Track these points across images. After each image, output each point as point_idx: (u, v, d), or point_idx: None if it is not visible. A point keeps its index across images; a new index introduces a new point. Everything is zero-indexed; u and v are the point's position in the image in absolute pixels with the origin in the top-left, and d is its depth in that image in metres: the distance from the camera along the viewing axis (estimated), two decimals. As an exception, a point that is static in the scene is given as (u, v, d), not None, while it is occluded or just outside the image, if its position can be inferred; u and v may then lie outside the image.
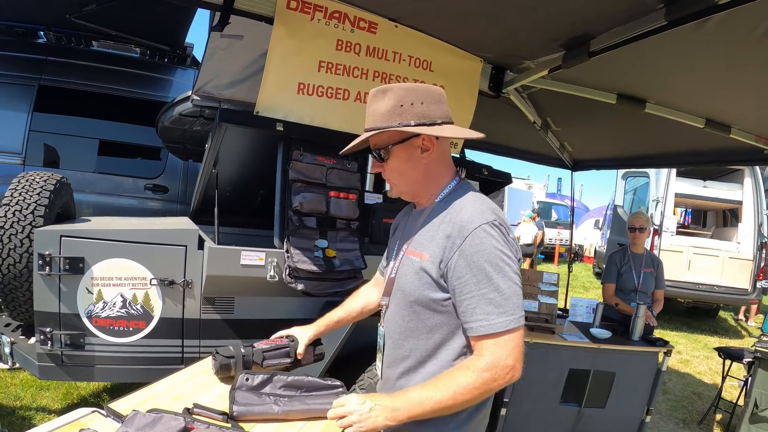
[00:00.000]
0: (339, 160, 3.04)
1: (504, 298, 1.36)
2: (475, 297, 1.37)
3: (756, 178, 9.18)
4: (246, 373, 1.97)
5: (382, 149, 1.52)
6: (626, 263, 4.63)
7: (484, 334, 1.37)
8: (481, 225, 1.38)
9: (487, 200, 1.51)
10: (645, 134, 4.30)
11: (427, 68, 3.20)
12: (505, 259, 1.38)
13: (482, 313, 1.36)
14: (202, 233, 2.94)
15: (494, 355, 1.35)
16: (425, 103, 1.46)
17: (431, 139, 1.50)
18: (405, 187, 1.58)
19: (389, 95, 1.46)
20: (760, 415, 4.20)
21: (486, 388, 1.36)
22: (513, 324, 1.36)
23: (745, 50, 2.42)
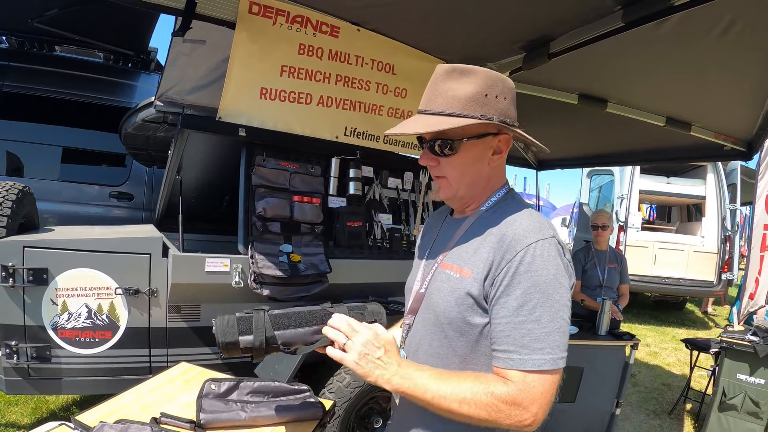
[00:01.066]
0: (302, 165, 3.04)
1: (545, 333, 1.13)
2: (510, 324, 1.16)
3: (718, 173, 9.40)
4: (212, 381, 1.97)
5: (452, 141, 1.25)
6: (590, 260, 4.70)
7: (508, 368, 1.15)
8: (538, 240, 1.17)
9: (542, 216, 1.30)
10: (608, 133, 4.38)
11: (390, 71, 3.21)
12: (556, 285, 1.16)
13: (515, 345, 1.14)
14: (166, 240, 2.91)
15: (517, 392, 1.12)
16: (507, 100, 1.26)
17: (508, 142, 1.31)
18: (463, 189, 1.33)
19: (473, 79, 1.22)
20: (729, 403, 4.30)
21: (493, 418, 1.13)
22: (548, 365, 1.12)
23: (702, 50, 2.49)
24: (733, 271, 9.06)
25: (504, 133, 1.28)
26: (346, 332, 1.24)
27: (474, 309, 1.23)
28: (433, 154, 1.30)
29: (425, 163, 1.33)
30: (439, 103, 1.23)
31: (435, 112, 1.23)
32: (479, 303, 1.22)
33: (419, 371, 1.20)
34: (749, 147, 3.85)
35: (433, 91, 1.25)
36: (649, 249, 9.44)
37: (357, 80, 3.12)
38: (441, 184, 1.34)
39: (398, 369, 1.20)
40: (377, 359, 1.20)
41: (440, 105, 1.22)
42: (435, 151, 1.28)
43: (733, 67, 2.64)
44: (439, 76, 1.25)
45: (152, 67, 5.75)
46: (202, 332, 3.01)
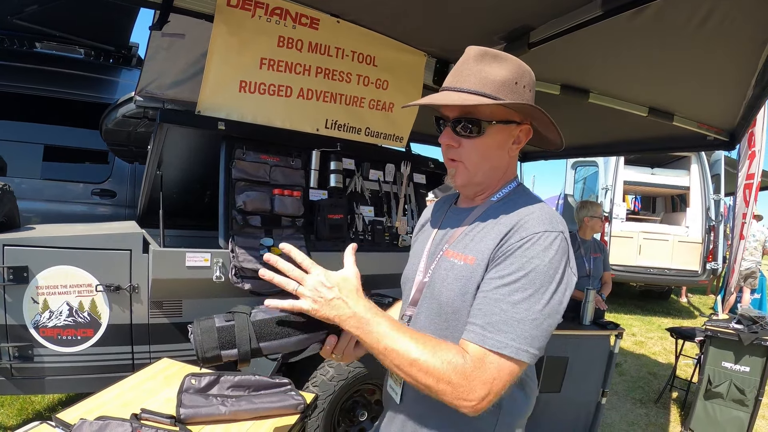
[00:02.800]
0: (283, 158, 3.02)
1: (516, 319, 1.08)
2: (487, 298, 1.12)
3: (702, 164, 9.49)
4: (192, 376, 1.96)
5: (479, 122, 1.22)
6: (576, 250, 4.69)
7: (470, 340, 1.11)
8: (545, 231, 1.14)
9: (554, 211, 1.25)
10: (591, 124, 4.38)
11: (371, 63, 3.20)
12: (547, 278, 1.11)
13: (485, 321, 1.10)
14: (147, 236, 2.89)
15: (474, 370, 1.07)
16: (532, 92, 1.26)
17: (529, 133, 1.30)
18: (480, 175, 1.29)
19: (506, 65, 1.22)
20: (714, 391, 4.36)
21: (439, 389, 1.07)
22: (509, 351, 1.07)
23: (683, 39, 2.48)
24: (718, 260, 9.15)
25: (526, 123, 1.28)
26: (297, 278, 1.19)
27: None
28: (456, 135, 1.26)
29: (446, 143, 1.28)
30: (471, 82, 1.20)
31: (467, 90, 1.20)
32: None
33: (377, 317, 1.14)
34: (732, 137, 3.87)
35: (465, 70, 1.22)
36: (634, 239, 9.52)
37: (338, 72, 3.11)
38: (458, 168, 1.29)
39: (354, 312, 1.14)
40: (328, 300, 1.14)
41: (473, 84, 1.20)
42: (458, 131, 1.25)
43: (714, 57, 2.64)
44: (471, 57, 1.23)
45: (133, 63, 5.70)
46: (184, 328, 2.96)
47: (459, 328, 1.19)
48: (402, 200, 3.59)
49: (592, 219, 4.71)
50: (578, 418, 4.03)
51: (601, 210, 4.83)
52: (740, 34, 2.35)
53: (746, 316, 4.40)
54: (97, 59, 5.59)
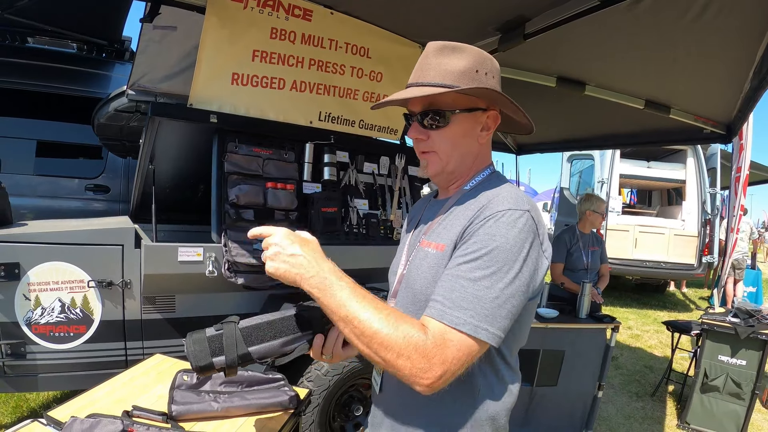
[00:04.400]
0: (276, 151, 2.99)
1: (476, 297, 1.06)
2: (449, 275, 1.11)
3: (698, 157, 9.50)
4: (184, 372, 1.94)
5: (443, 112, 1.24)
6: (575, 243, 4.72)
7: (431, 316, 1.09)
8: (509, 209, 1.12)
9: (525, 194, 1.23)
10: (587, 116, 4.38)
11: (365, 55, 3.17)
12: (511, 257, 1.08)
13: (446, 297, 1.08)
14: (139, 231, 2.87)
15: (434, 347, 1.03)
16: (495, 79, 1.26)
17: (497, 119, 1.30)
18: (451, 164, 1.30)
19: (464, 55, 1.22)
20: (711, 385, 4.37)
21: (397, 364, 1.02)
22: (466, 327, 1.04)
23: (680, 31, 2.47)
24: (714, 254, 9.17)
25: (492, 109, 1.28)
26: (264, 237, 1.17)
27: None
28: (422, 127, 1.28)
29: (414, 137, 1.31)
30: (431, 76, 1.22)
31: (428, 83, 1.22)
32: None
33: (341, 281, 1.08)
34: (728, 130, 3.85)
35: (425, 65, 1.25)
36: (629, 233, 9.53)
37: (331, 64, 3.08)
38: (429, 159, 1.32)
39: (318, 271, 1.08)
40: (289, 256, 1.10)
41: (433, 77, 1.22)
42: (425, 124, 1.27)
43: (711, 49, 2.63)
44: (431, 52, 1.25)
45: (126, 57, 5.64)
46: (177, 323, 2.98)
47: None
48: (397, 193, 3.57)
49: (594, 213, 4.72)
50: (575, 412, 4.03)
51: (604, 206, 4.84)
52: (738, 26, 2.33)
53: (742, 310, 4.40)
54: (90, 53, 5.54)
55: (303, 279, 1.08)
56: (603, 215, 4.81)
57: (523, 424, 3.91)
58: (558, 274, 4.74)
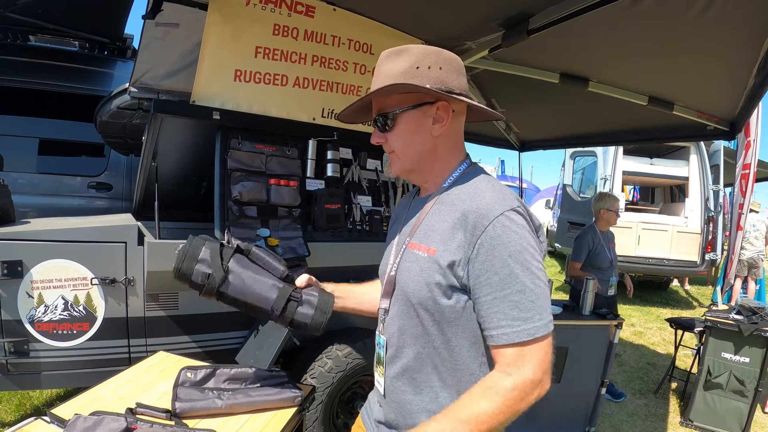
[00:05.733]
0: (279, 147, 2.99)
1: (531, 301, 1.14)
2: (497, 299, 1.17)
3: (701, 154, 9.46)
4: (188, 369, 1.94)
5: (389, 114, 1.31)
6: (598, 242, 4.74)
7: (507, 343, 1.16)
8: (504, 212, 1.18)
9: (504, 185, 1.30)
10: (590, 113, 4.37)
11: (368, 51, 3.17)
12: (531, 252, 1.18)
13: (506, 319, 1.15)
14: (142, 228, 2.86)
15: (519, 369, 1.14)
16: (444, 70, 1.28)
17: (447, 109, 1.31)
18: (409, 163, 1.36)
19: (405, 56, 1.28)
20: (714, 382, 4.36)
21: (513, 410, 1.13)
22: (542, 331, 1.14)
23: (683, 26, 2.46)
24: (717, 251, 9.14)
25: (441, 101, 1.30)
26: None
27: (442, 287, 1.23)
28: (381, 131, 1.35)
29: (376, 142, 1.39)
30: (379, 82, 1.29)
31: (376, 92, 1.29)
32: (448, 282, 1.23)
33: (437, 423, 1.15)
34: (732, 127, 3.85)
35: (376, 74, 1.32)
36: (632, 230, 9.51)
37: (334, 61, 3.07)
38: (392, 159, 1.39)
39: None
40: None
41: (380, 83, 1.28)
42: (381, 128, 1.35)
43: (715, 45, 2.61)
44: (380, 61, 1.33)
45: (128, 54, 5.65)
46: (181, 320, 2.97)
47: (425, 317, 1.27)
48: (400, 190, 3.56)
49: (608, 212, 4.74)
50: (578, 408, 4.03)
51: (618, 205, 4.84)
52: (742, 21, 2.32)
53: (746, 307, 4.39)
54: (92, 51, 5.54)
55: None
56: (617, 213, 4.84)
57: (526, 421, 3.90)
58: (577, 269, 4.79)
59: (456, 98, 1.29)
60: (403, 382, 1.36)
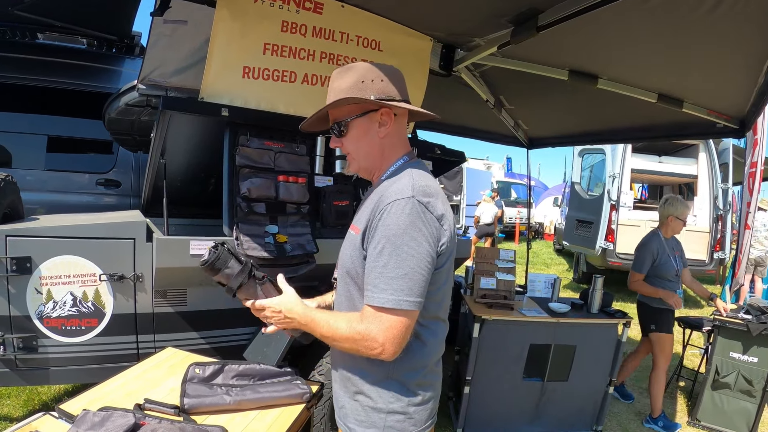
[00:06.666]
0: (287, 144, 2.98)
1: (390, 277, 1.36)
2: (370, 268, 1.42)
3: (710, 152, 9.41)
4: (196, 365, 1.94)
5: (342, 122, 1.55)
6: (663, 251, 4.41)
7: (366, 303, 1.42)
8: (395, 200, 1.39)
9: (421, 177, 1.49)
10: (599, 110, 4.34)
11: (376, 48, 3.15)
12: (411, 235, 1.37)
13: (370, 285, 1.40)
14: (151, 224, 2.87)
15: (368, 326, 1.39)
16: (385, 81, 1.51)
17: (389, 114, 1.54)
18: (362, 161, 1.61)
19: (351, 73, 1.51)
20: (722, 382, 4.35)
21: (351, 347, 1.43)
22: (391, 304, 1.36)
23: (694, 24, 2.42)
24: (725, 250, 9.09)
25: (383, 107, 1.52)
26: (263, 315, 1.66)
27: (360, 258, 1.48)
28: (336, 138, 1.60)
29: (334, 146, 1.64)
30: (330, 98, 1.53)
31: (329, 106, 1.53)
32: (362, 252, 1.48)
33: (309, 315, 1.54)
34: (742, 124, 3.80)
35: (329, 90, 1.56)
36: (641, 228, 9.45)
37: (342, 57, 3.06)
38: (349, 160, 1.64)
39: (301, 317, 1.55)
40: (283, 318, 1.59)
41: (331, 99, 1.52)
42: (336, 135, 1.59)
43: (727, 41, 2.57)
44: (332, 77, 1.56)
45: (136, 52, 5.67)
46: (189, 317, 2.98)
47: (351, 283, 1.54)
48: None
49: (676, 220, 4.40)
50: (585, 407, 4.03)
51: (687, 213, 4.50)
52: (754, 17, 2.28)
53: (755, 306, 4.37)
54: (100, 49, 5.56)
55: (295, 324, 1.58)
56: (685, 222, 4.47)
57: (533, 418, 3.90)
58: (640, 282, 4.42)
59: (396, 105, 1.52)
60: None
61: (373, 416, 1.52)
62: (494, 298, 3.82)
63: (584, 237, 10.04)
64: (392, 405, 1.52)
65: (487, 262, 3.92)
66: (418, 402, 1.55)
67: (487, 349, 3.64)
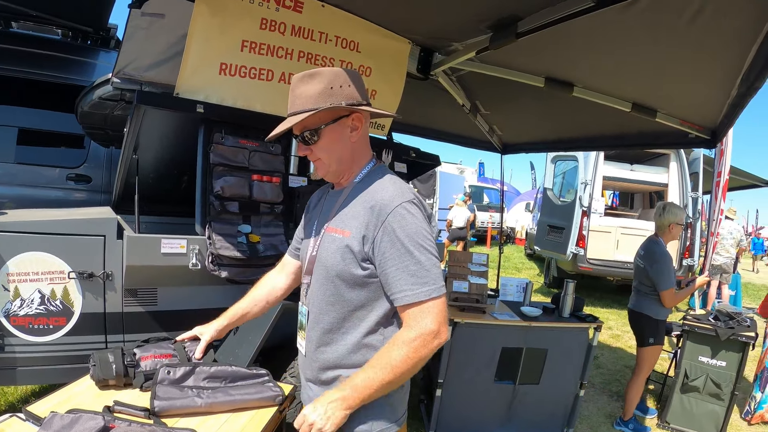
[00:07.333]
0: (262, 143, 2.96)
1: (425, 270, 1.45)
2: (399, 270, 1.45)
3: (681, 161, 9.60)
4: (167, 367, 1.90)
5: (314, 130, 1.54)
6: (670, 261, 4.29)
7: (408, 303, 1.45)
8: (402, 203, 1.47)
9: (404, 182, 1.60)
10: (573, 118, 4.39)
11: (355, 49, 3.15)
12: (424, 234, 1.47)
13: (406, 284, 1.45)
14: (122, 222, 2.82)
15: (419, 323, 1.44)
16: (351, 86, 1.53)
17: (360, 119, 1.58)
18: (334, 166, 1.61)
19: (319, 78, 1.50)
20: (691, 385, 4.43)
21: (418, 355, 1.44)
22: (435, 293, 1.45)
23: (671, 35, 2.47)
24: (694, 257, 9.28)
25: (355, 112, 1.55)
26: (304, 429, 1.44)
27: (355, 262, 1.51)
28: (305, 144, 1.58)
29: (302, 154, 1.62)
30: (297, 105, 1.51)
31: (297, 111, 1.51)
32: (357, 257, 1.51)
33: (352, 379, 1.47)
34: (713, 135, 3.86)
35: (293, 96, 1.54)
36: (611, 234, 9.64)
37: (320, 57, 3.05)
38: (317, 165, 1.64)
39: (343, 399, 1.43)
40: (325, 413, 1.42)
41: (299, 105, 1.51)
42: (305, 142, 1.57)
43: (702, 53, 2.63)
44: (295, 83, 1.54)
45: (112, 45, 5.55)
46: (159, 317, 2.94)
47: (341, 285, 1.55)
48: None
49: (677, 226, 4.26)
50: (556, 410, 4.06)
51: (684, 216, 4.40)
52: (729, 31, 2.33)
53: (723, 312, 4.47)
54: (75, 40, 5.44)
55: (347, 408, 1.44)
56: (683, 225, 4.35)
57: (505, 421, 3.93)
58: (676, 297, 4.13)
59: (365, 109, 1.56)
60: (322, 342, 1.62)
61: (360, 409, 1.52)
62: (466, 301, 3.82)
63: (555, 242, 10.18)
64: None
65: (459, 266, 3.93)
66: (400, 391, 1.63)
67: (459, 352, 3.65)
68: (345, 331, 1.59)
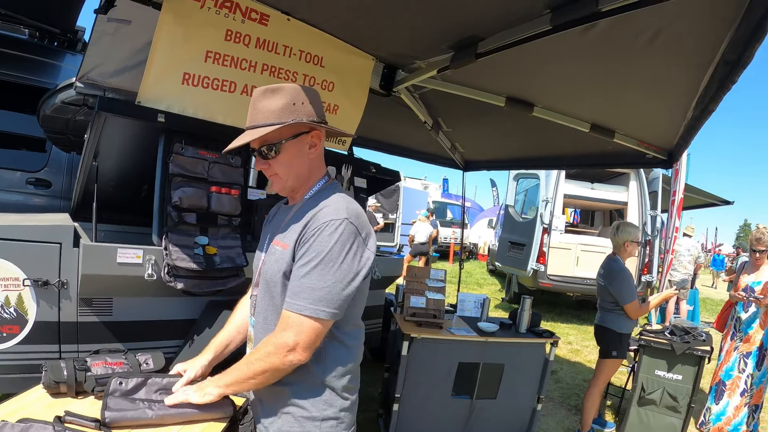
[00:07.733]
0: (222, 155, 2.95)
1: (309, 287, 1.45)
2: (295, 278, 1.49)
3: (641, 181, 9.87)
4: (119, 378, 1.89)
5: (274, 145, 1.55)
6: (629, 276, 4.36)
7: (285, 309, 1.50)
8: (331, 221, 1.47)
9: (351, 201, 1.60)
10: (534, 137, 4.48)
11: (318, 63, 3.17)
12: (334, 257, 1.46)
13: (292, 293, 1.48)
14: (79, 229, 2.78)
15: (282, 332, 1.48)
16: (311, 103, 1.56)
17: (319, 136, 1.62)
18: (291, 182, 1.63)
19: (281, 94, 1.53)
20: (647, 398, 4.55)
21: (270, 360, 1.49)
22: (306, 311, 1.45)
23: (629, 58, 2.54)
24: (653, 273, 9.51)
25: (314, 129, 1.60)
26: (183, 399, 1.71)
27: (288, 272, 1.53)
28: (263, 159, 1.59)
29: (258, 168, 1.64)
30: (259, 118, 1.53)
31: (257, 125, 1.53)
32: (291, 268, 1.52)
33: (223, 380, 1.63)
34: (670, 156, 3.98)
35: (254, 109, 1.55)
36: (572, 251, 9.83)
37: (284, 71, 3.07)
38: (273, 180, 1.65)
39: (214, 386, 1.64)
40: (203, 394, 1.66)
41: (260, 119, 1.52)
42: (263, 156, 1.58)
43: (658, 76, 2.71)
44: (257, 97, 1.56)
45: (78, 48, 5.48)
46: (114, 327, 2.89)
47: (277, 296, 1.57)
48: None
49: (632, 244, 4.32)
50: (514, 424, 4.11)
51: (639, 234, 4.54)
52: (685, 55, 2.40)
53: (679, 327, 4.60)
54: (41, 41, 5.35)
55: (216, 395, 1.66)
56: (639, 243, 4.47)
57: (464, 433, 3.96)
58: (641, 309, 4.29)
59: (325, 127, 1.61)
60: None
61: (308, 425, 1.57)
62: (424, 316, 3.85)
63: (517, 258, 10.33)
64: (326, 411, 1.58)
65: (417, 281, 3.96)
66: (347, 406, 1.64)
67: (416, 367, 3.67)
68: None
